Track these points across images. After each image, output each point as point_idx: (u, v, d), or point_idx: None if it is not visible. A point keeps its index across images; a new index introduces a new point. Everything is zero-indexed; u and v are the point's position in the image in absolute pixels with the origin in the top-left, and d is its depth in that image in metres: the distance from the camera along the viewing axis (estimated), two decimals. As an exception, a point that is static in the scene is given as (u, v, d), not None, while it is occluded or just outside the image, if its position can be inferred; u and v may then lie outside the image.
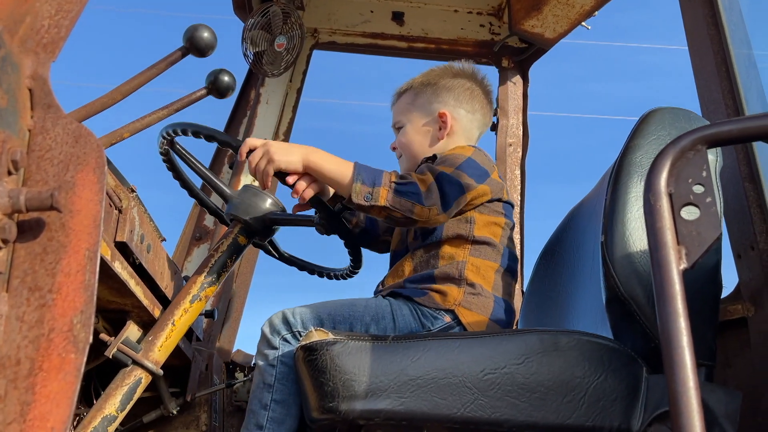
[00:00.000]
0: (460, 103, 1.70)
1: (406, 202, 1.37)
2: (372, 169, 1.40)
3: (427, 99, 1.71)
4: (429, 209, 1.39)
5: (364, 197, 1.36)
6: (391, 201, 1.36)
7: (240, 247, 1.54)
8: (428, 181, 1.42)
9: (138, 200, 1.27)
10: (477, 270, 1.48)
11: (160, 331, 1.42)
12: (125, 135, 1.15)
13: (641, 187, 1.34)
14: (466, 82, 1.73)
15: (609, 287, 1.28)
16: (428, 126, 1.69)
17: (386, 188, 1.37)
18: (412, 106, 1.72)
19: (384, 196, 1.36)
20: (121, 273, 1.20)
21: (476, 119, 1.72)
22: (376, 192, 1.37)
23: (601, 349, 1.22)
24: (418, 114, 1.70)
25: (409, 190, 1.38)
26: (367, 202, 1.36)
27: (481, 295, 1.46)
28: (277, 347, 1.37)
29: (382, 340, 1.21)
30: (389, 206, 1.36)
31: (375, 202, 1.36)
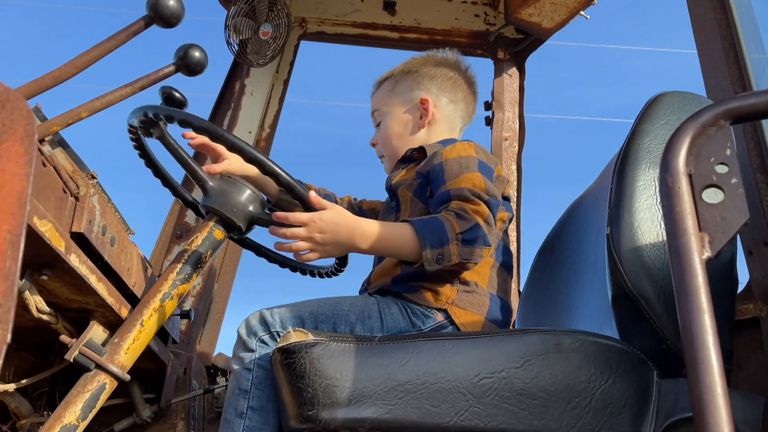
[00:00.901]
0: (442, 92, 1.61)
1: (477, 249, 1.28)
2: (431, 224, 1.28)
3: (408, 86, 1.62)
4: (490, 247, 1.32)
5: (435, 260, 1.26)
6: (464, 255, 1.27)
7: (216, 241, 1.43)
8: (484, 213, 1.32)
9: (99, 188, 1.16)
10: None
11: (126, 332, 1.30)
12: (83, 114, 1.04)
13: (650, 175, 1.24)
14: (449, 71, 1.65)
15: (616, 283, 1.18)
16: (408, 114, 1.60)
17: (455, 243, 1.26)
18: (392, 93, 1.64)
19: (455, 253, 1.26)
20: (78, 267, 1.09)
21: (459, 109, 1.64)
22: (447, 251, 1.26)
23: (608, 350, 1.11)
24: (398, 101, 1.61)
25: (476, 235, 1.28)
26: (439, 264, 1.26)
27: (476, 293, 1.36)
28: (253, 349, 1.25)
29: (368, 341, 1.10)
30: (462, 260, 1.27)
31: (448, 261, 1.26)
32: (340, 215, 1.25)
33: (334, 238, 1.23)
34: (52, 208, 0.99)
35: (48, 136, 1.05)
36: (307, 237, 1.22)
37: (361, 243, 1.25)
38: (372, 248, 1.27)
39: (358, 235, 1.25)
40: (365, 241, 1.25)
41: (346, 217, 1.25)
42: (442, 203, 1.34)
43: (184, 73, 1.13)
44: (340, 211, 1.25)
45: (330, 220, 1.23)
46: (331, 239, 1.23)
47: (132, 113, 1.36)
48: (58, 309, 1.26)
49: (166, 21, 1.00)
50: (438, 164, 1.42)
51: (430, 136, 1.60)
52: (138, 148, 1.48)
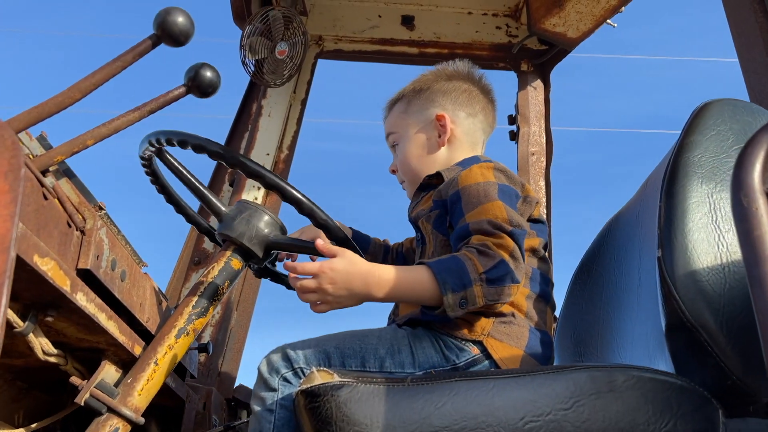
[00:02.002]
0: (459, 106, 1.51)
1: (505, 289, 1.18)
2: (450, 265, 1.17)
3: (422, 105, 1.52)
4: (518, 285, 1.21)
5: (459, 305, 1.15)
6: (491, 296, 1.16)
7: (234, 271, 1.34)
8: (509, 246, 1.21)
9: (108, 219, 1.09)
10: None
11: (140, 372, 1.22)
12: (89, 142, 0.97)
13: (703, 191, 1.13)
14: (462, 83, 1.55)
15: (670, 312, 1.07)
16: (425, 133, 1.50)
17: (479, 285, 1.16)
18: (405, 114, 1.54)
19: (480, 295, 1.16)
20: (86, 306, 1.01)
21: (479, 122, 1.53)
22: (471, 294, 1.15)
23: (667, 388, 1.00)
24: (413, 121, 1.51)
25: (502, 273, 1.17)
26: (464, 309, 1.16)
27: (514, 324, 1.24)
28: (275, 388, 1.16)
29: (400, 383, 1.00)
30: (489, 303, 1.17)
31: (473, 305, 1.16)
32: (353, 263, 1.15)
33: (347, 288, 1.14)
34: (56, 244, 0.91)
35: (52, 167, 0.98)
36: (317, 288, 1.13)
37: (377, 292, 1.15)
38: (388, 296, 1.17)
39: (373, 284, 1.15)
40: (381, 289, 1.15)
41: (359, 265, 1.15)
42: (462, 239, 1.24)
43: (196, 95, 1.05)
44: (352, 258, 1.16)
45: (342, 269, 1.13)
46: (344, 290, 1.14)
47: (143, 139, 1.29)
48: (67, 349, 1.19)
49: (174, 39, 0.93)
50: (454, 193, 1.31)
51: (451, 155, 1.51)
52: (150, 174, 1.41)
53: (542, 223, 1.42)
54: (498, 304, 1.19)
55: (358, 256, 1.16)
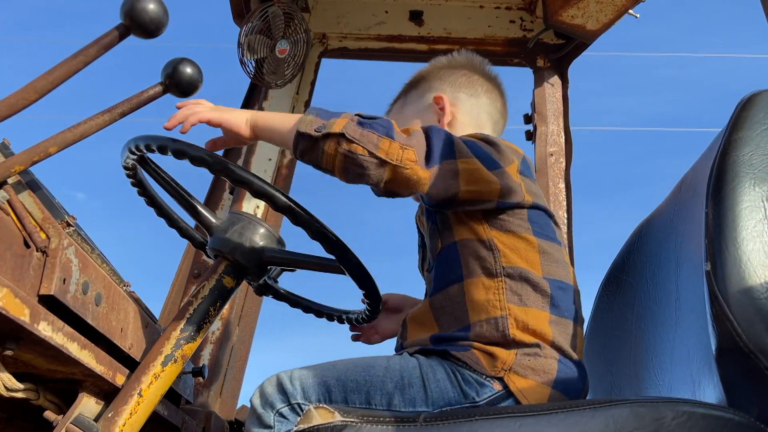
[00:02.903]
0: (457, 88, 1.39)
1: (368, 134, 1.05)
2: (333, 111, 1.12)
3: (418, 94, 1.42)
4: (402, 149, 1.05)
5: (315, 128, 1.06)
6: (349, 131, 1.05)
7: (226, 290, 1.22)
8: (413, 129, 1.11)
9: (78, 236, 0.96)
10: (524, 326, 1.09)
11: (122, 405, 1.10)
12: (52, 150, 0.85)
13: (757, 194, 0.99)
14: (459, 69, 1.43)
15: (723, 334, 0.92)
16: (423, 117, 1.38)
17: (346, 119, 1.07)
18: (403, 107, 1.44)
19: (340, 125, 1.06)
20: (51, 337, 0.88)
21: (483, 103, 1.39)
22: (331, 122, 1.07)
23: (725, 425, 0.86)
24: (410, 111, 1.41)
25: (377, 123, 1.07)
26: (318, 132, 1.06)
27: (540, 356, 1.08)
28: (271, 425, 1.03)
29: (411, 422, 0.86)
30: (347, 134, 1.04)
31: (329, 129, 1.06)
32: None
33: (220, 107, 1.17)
34: (9, 268, 0.79)
35: (11, 178, 0.86)
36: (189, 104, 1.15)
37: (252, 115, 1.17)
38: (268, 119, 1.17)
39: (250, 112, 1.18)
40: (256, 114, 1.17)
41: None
42: None
43: (174, 94, 0.93)
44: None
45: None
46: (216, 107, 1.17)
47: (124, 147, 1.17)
48: (38, 381, 1.06)
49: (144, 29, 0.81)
50: None
51: None
52: (136, 184, 1.28)
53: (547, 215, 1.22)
54: (360, 148, 1.05)
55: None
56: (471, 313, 1.11)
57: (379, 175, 1.06)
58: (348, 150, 1.04)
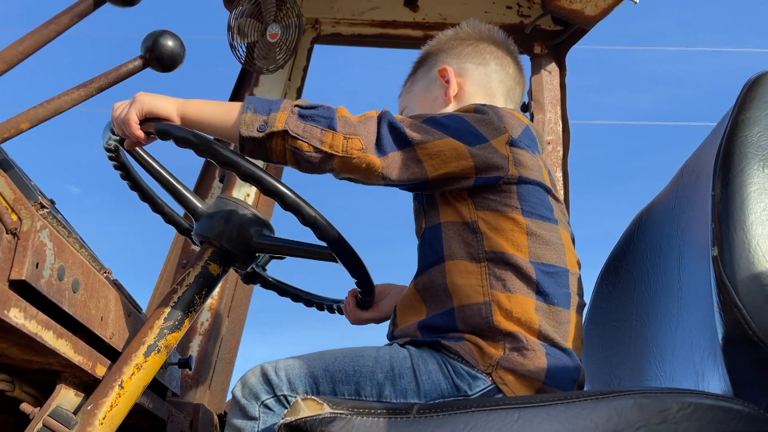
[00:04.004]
0: (463, 59, 1.32)
1: (311, 128, 1.02)
2: (269, 99, 1.07)
3: (425, 70, 1.37)
4: (347, 138, 1.02)
5: (257, 127, 1.02)
6: (292, 126, 1.01)
7: (213, 277, 1.17)
8: (367, 114, 1.07)
9: (53, 219, 0.91)
10: (509, 314, 1.04)
11: (102, 397, 1.05)
12: (24, 126, 0.80)
13: (766, 176, 0.95)
14: (465, 40, 1.37)
15: (731, 322, 0.88)
16: (431, 93, 1.32)
17: (286, 112, 1.02)
18: (412, 85, 1.39)
19: (282, 121, 1.01)
20: (23, 324, 0.84)
21: (492, 71, 1.31)
22: (272, 118, 1.02)
23: (732, 416, 0.82)
24: (418, 88, 1.36)
25: (318, 114, 1.04)
26: (262, 132, 1.01)
27: (527, 349, 1.02)
28: (255, 417, 0.99)
29: (404, 414, 0.82)
30: (290, 131, 1.01)
31: (271, 128, 1.01)
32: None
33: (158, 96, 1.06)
34: (-25, 251, 0.74)
35: (-21, 157, 0.81)
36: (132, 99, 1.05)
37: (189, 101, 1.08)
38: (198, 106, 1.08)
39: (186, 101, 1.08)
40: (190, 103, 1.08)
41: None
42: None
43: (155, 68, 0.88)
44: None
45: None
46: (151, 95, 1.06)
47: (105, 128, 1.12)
48: (14, 372, 1.02)
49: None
50: None
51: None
52: (119, 167, 1.23)
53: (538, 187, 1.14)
54: (305, 144, 1.02)
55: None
56: (454, 297, 1.07)
57: (330, 166, 1.04)
58: (293, 146, 1.03)
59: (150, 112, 1.03)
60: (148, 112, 1.03)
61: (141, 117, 1.03)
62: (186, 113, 1.06)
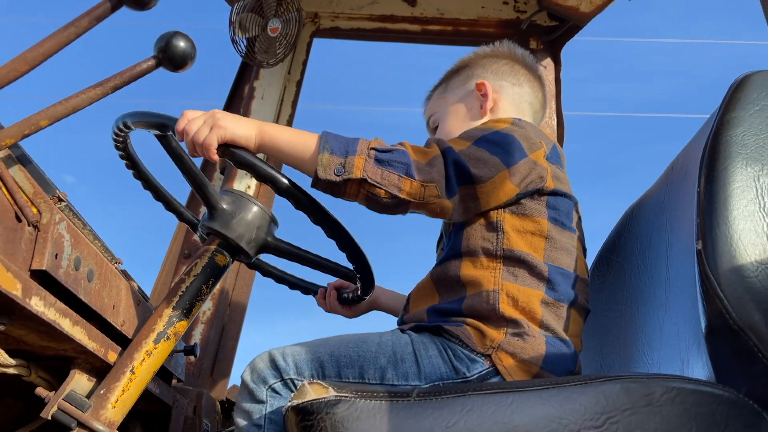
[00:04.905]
0: (500, 76, 1.38)
1: (389, 174, 1.03)
2: (345, 137, 1.08)
3: (461, 80, 1.41)
4: (424, 186, 1.04)
5: (335, 170, 1.03)
6: (369, 173, 1.03)
7: (219, 268, 1.22)
8: (431, 153, 1.08)
9: (70, 212, 0.95)
10: (515, 302, 1.10)
11: (114, 382, 1.10)
12: (43, 123, 0.84)
13: (749, 173, 0.99)
14: (502, 58, 1.43)
15: (713, 312, 0.93)
16: (465, 104, 1.37)
17: (363, 157, 1.04)
18: (444, 93, 1.43)
19: (360, 167, 1.03)
20: (43, 312, 0.88)
21: (525, 92, 1.39)
22: (350, 162, 1.03)
23: (713, 400, 0.87)
24: (452, 96, 1.39)
25: (395, 159, 1.05)
26: (339, 176, 1.03)
27: (528, 335, 1.07)
28: (263, 400, 1.03)
29: (404, 397, 0.87)
30: (368, 179, 1.02)
31: (349, 175, 1.03)
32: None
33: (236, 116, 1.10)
34: (1, 243, 0.78)
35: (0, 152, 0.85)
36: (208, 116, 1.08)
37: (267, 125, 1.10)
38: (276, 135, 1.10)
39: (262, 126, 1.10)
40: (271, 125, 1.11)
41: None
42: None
43: (168, 68, 0.92)
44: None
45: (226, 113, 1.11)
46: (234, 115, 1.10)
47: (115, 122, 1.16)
48: (30, 358, 1.06)
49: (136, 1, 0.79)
50: None
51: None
52: (125, 157, 1.28)
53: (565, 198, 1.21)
54: (382, 191, 1.04)
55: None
56: (467, 288, 1.12)
57: (404, 209, 1.08)
58: (369, 192, 1.05)
59: (231, 141, 1.06)
60: (230, 141, 1.06)
61: (221, 143, 1.05)
62: (264, 143, 1.09)
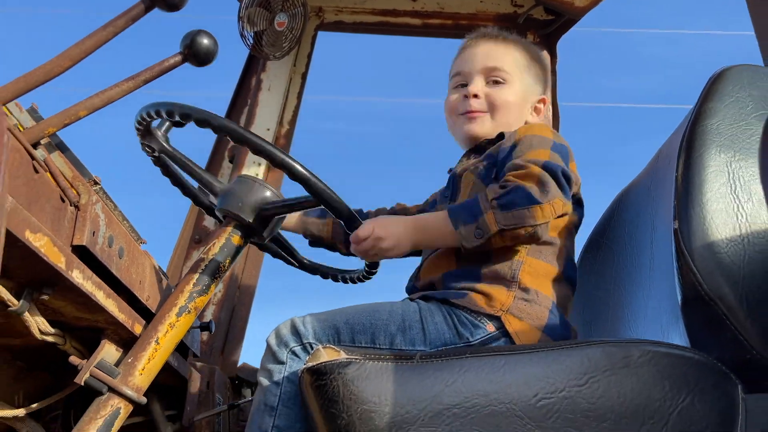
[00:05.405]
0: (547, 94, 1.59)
1: (519, 212, 1.16)
2: (464, 203, 1.22)
3: (536, 75, 1.55)
4: (552, 204, 1.18)
5: (474, 235, 1.17)
6: (503, 222, 1.16)
7: (235, 248, 1.31)
8: (535, 172, 1.20)
9: (104, 194, 1.05)
10: (534, 273, 1.23)
11: (140, 351, 1.19)
12: (82, 113, 0.93)
13: (722, 159, 1.09)
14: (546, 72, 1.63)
15: (687, 285, 1.03)
16: (527, 101, 1.51)
17: (490, 212, 1.17)
18: (525, 69, 1.53)
19: (493, 222, 1.16)
20: (82, 284, 0.97)
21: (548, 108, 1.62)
22: (483, 223, 1.17)
23: (684, 363, 0.97)
24: (529, 83, 1.52)
25: (515, 197, 1.17)
26: (481, 239, 1.17)
27: (536, 303, 1.20)
28: (284, 362, 1.13)
29: (408, 359, 0.97)
30: (505, 227, 1.15)
31: (487, 233, 1.16)
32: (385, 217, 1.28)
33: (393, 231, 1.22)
34: (49, 220, 0.88)
35: (44, 139, 0.94)
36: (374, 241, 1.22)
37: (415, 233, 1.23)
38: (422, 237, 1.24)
39: (410, 225, 1.24)
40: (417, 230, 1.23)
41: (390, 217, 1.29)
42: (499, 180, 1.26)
43: (193, 63, 1.01)
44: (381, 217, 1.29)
45: (381, 224, 1.23)
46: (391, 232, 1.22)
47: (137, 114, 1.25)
48: (65, 328, 1.16)
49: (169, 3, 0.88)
50: (512, 144, 1.34)
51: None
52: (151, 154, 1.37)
53: (580, 206, 1.40)
54: (522, 230, 1.16)
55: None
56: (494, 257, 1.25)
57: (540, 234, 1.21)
58: (514, 236, 1.18)
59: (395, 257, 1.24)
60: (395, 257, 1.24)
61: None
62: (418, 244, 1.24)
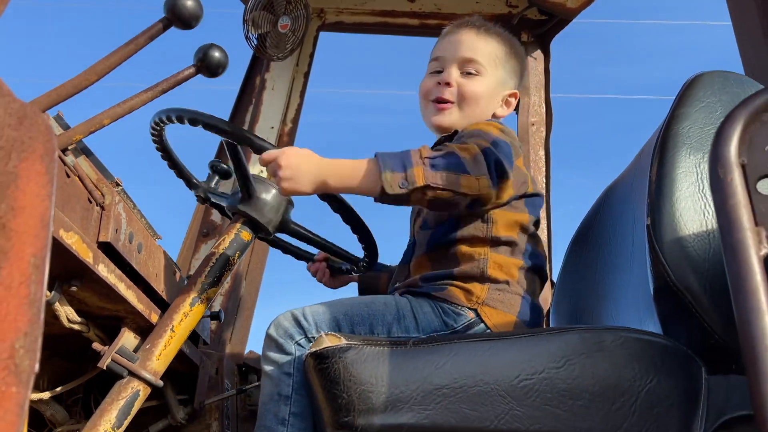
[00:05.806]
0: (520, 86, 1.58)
1: (448, 174, 1.15)
2: (397, 153, 1.18)
3: (511, 70, 1.53)
4: (478, 179, 1.18)
5: (399, 184, 1.14)
6: (431, 179, 1.14)
7: (244, 243, 1.41)
8: (473, 150, 1.21)
9: (124, 195, 1.14)
10: (500, 267, 1.32)
11: (157, 338, 1.30)
12: (105, 122, 1.02)
13: (691, 161, 1.18)
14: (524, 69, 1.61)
15: (657, 276, 1.13)
16: (498, 94, 1.50)
17: (420, 167, 1.15)
18: (500, 63, 1.51)
19: (421, 176, 1.14)
20: (107, 277, 1.07)
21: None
22: (411, 174, 1.14)
23: (653, 347, 1.07)
24: (501, 76, 1.50)
25: (448, 161, 1.17)
26: (404, 189, 1.14)
27: (508, 292, 1.31)
28: (291, 353, 1.23)
29: (402, 345, 1.07)
30: (431, 184, 1.14)
31: (413, 185, 1.14)
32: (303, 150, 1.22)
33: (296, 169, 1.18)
34: (78, 219, 0.97)
35: (71, 146, 1.04)
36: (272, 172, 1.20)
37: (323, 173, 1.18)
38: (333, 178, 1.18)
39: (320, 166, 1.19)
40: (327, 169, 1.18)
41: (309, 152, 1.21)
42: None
43: (205, 75, 1.10)
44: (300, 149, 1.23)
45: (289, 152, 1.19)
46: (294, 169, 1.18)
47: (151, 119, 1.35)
48: (89, 317, 1.26)
49: (184, 22, 0.97)
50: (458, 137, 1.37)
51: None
52: (161, 150, 1.47)
53: (539, 197, 1.45)
54: (445, 193, 1.16)
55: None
56: (461, 259, 1.33)
57: (464, 203, 1.21)
58: (434, 196, 1.16)
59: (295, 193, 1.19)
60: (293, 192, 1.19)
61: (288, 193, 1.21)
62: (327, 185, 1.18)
